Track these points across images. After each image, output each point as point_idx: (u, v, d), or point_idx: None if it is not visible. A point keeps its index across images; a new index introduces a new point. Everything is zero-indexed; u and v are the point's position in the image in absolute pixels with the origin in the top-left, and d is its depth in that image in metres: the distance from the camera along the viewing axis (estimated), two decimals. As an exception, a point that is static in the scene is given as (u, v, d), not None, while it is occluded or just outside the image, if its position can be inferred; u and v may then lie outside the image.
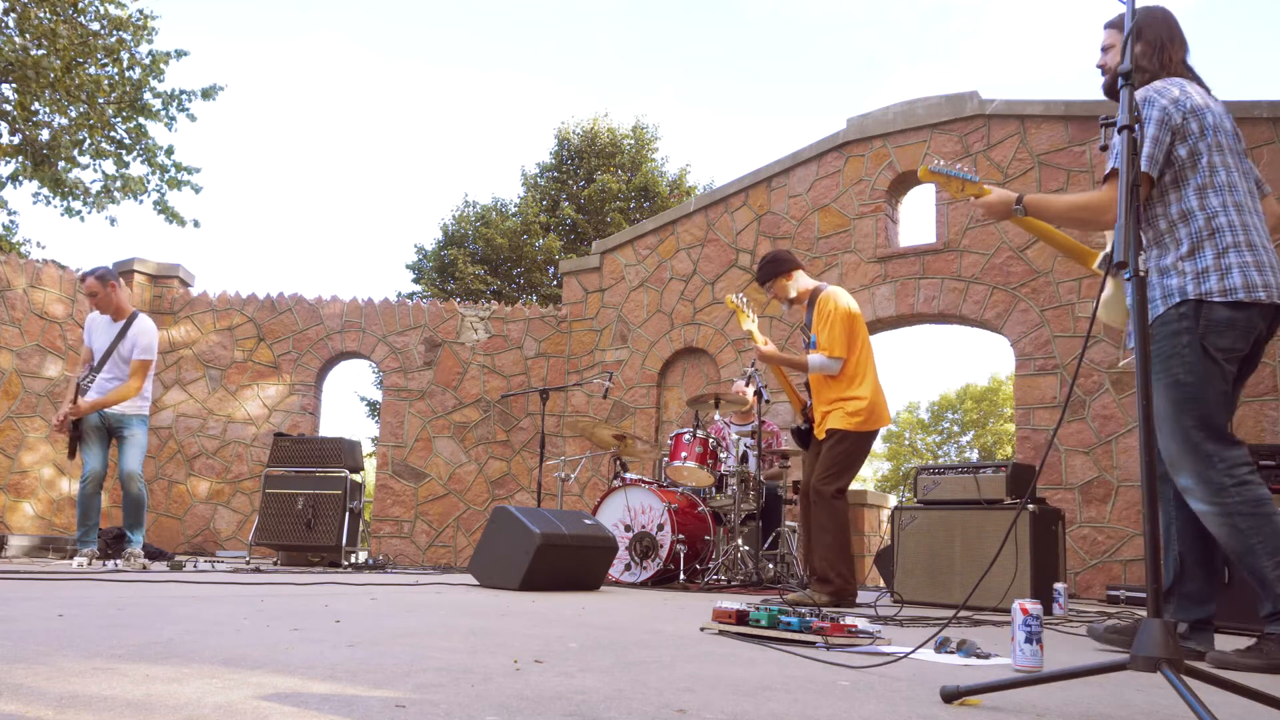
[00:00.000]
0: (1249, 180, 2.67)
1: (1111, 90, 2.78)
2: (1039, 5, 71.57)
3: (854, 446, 4.57)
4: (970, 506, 4.86)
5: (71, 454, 5.64)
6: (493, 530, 4.59)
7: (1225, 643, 3.20)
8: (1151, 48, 2.71)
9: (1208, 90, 2.70)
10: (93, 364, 5.72)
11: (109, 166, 11.69)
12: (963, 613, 4.09)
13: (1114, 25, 2.79)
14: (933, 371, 64.31)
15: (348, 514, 6.97)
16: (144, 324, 5.77)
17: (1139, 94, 2.58)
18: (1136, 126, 1.79)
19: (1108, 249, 2.82)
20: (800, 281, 4.83)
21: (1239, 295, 2.46)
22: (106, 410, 5.64)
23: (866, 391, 4.56)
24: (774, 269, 4.82)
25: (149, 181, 11.67)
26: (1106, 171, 2.54)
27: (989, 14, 71.81)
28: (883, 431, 5.04)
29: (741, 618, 2.61)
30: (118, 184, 11.61)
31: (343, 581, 4.79)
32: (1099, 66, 2.84)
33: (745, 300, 5.14)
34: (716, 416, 6.31)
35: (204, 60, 70.20)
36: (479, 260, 18.10)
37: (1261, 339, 2.56)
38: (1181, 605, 2.66)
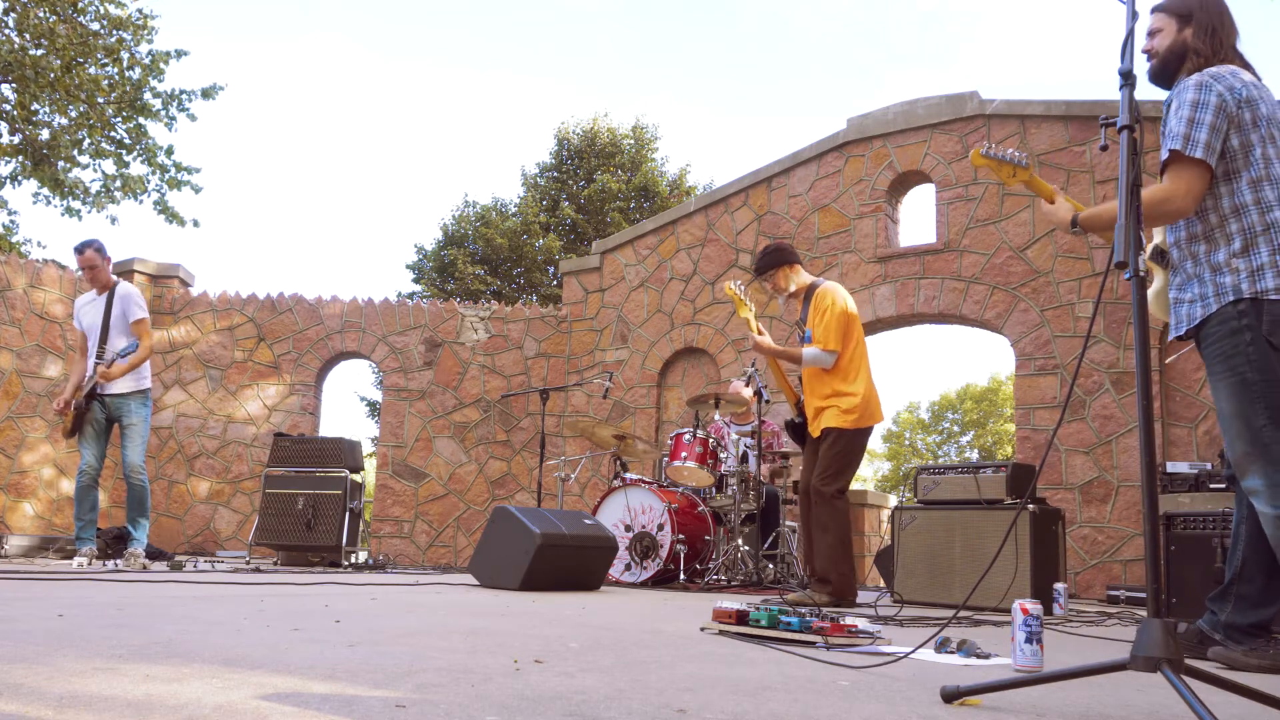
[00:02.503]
0: None
1: (1159, 75, 2.69)
2: (1038, 6, 71.60)
3: (850, 444, 4.57)
4: (970, 506, 4.86)
5: (71, 432, 5.61)
6: (493, 530, 4.59)
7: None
8: (1204, 31, 2.59)
9: (1259, 78, 2.60)
10: (88, 350, 5.71)
11: (109, 166, 11.70)
12: (963, 613, 4.09)
13: (1163, 9, 2.68)
14: (933, 371, 64.35)
15: (348, 514, 6.97)
16: (126, 288, 5.80)
17: (1194, 78, 2.51)
18: (1136, 126, 1.79)
19: (1157, 240, 2.79)
20: (798, 275, 4.83)
21: None
22: (107, 395, 5.63)
23: (860, 388, 4.55)
24: (773, 260, 4.81)
25: (149, 181, 11.68)
26: (1165, 157, 2.45)
27: (986, 16, 71.85)
28: (882, 431, 5.04)
29: (741, 618, 2.61)
30: (118, 184, 11.61)
31: (343, 581, 4.79)
32: (1145, 51, 2.73)
33: (744, 289, 5.12)
34: (716, 416, 6.31)
35: (204, 60, 70.20)
36: (479, 260, 18.10)
37: None
38: (1238, 606, 2.62)
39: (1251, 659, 2.43)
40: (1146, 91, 2.86)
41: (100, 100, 11.02)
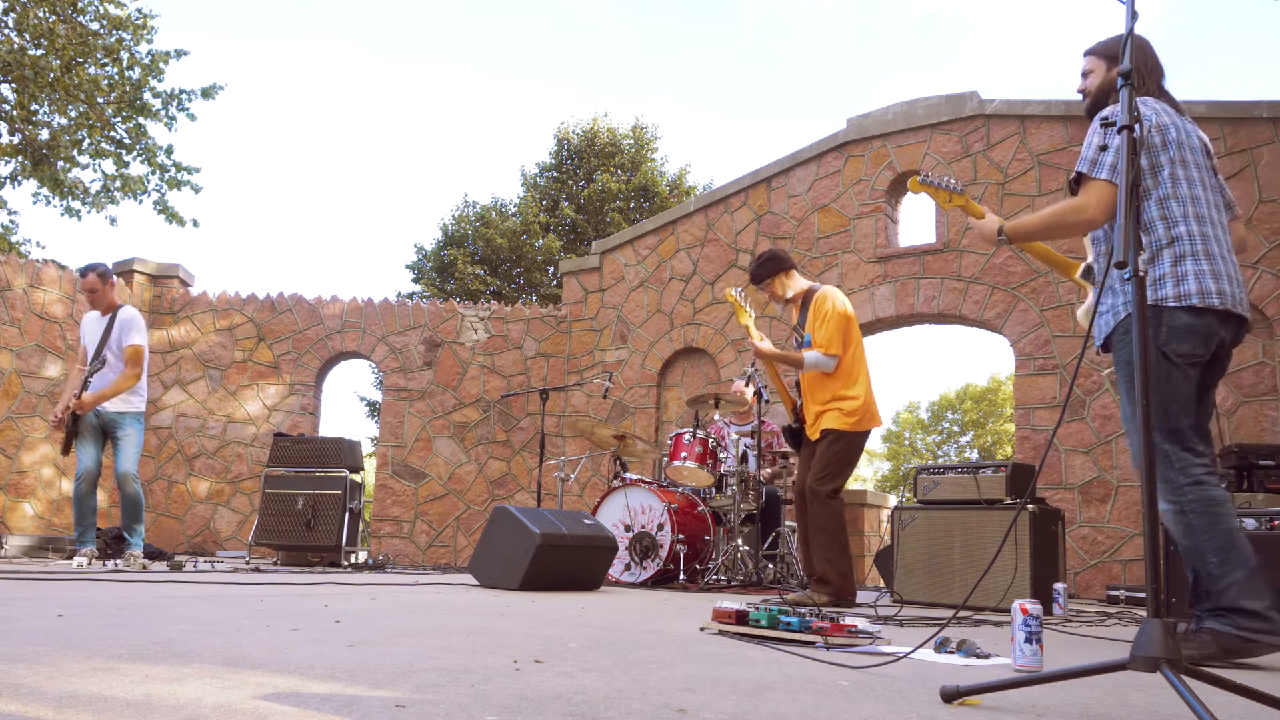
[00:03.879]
0: (1217, 196, 2.77)
1: (1093, 112, 2.91)
2: (1034, 8, 71.59)
3: (849, 446, 4.57)
4: (970, 506, 4.86)
5: (66, 450, 5.65)
6: (493, 530, 4.59)
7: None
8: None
9: (1180, 111, 2.81)
10: (86, 363, 5.75)
11: (109, 166, 11.70)
12: (963, 613, 4.09)
13: (1094, 52, 2.94)
14: (933, 371, 64.34)
15: (347, 514, 6.97)
16: (128, 312, 5.81)
17: (1107, 110, 2.67)
18: (1136, 126, 1.79)
19: (1089, 260, 2.97)
20: (795, 281, 4.83)
21: (1193, 301, 2.56)
22: (101, 409, 5.65)
23: (860, 391, 4.56)
24: (770, 267, 4.82)
25: (149, 181, 11.67)
26: (1073, 177, 2.68)
27: (981, 19, 71.85)
28: (882, 431, 5.05)
29: (741, 618, 2.61)
30: (117, 184, 11.61)
31: (343, 581, 4.79)
32: (1080, 91, 2.99)
33: (744, 296, 5.14)
34: (716, 416, 6.31)
35: (204, 60, 70.21)
36: (479, 260, 18.10)
37: (1224, 346, 2.65)
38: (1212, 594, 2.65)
39: (1191, 650, 2.51)
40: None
41: (100, 100, 11.01)
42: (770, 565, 5.79)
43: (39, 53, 10.46)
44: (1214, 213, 2.71)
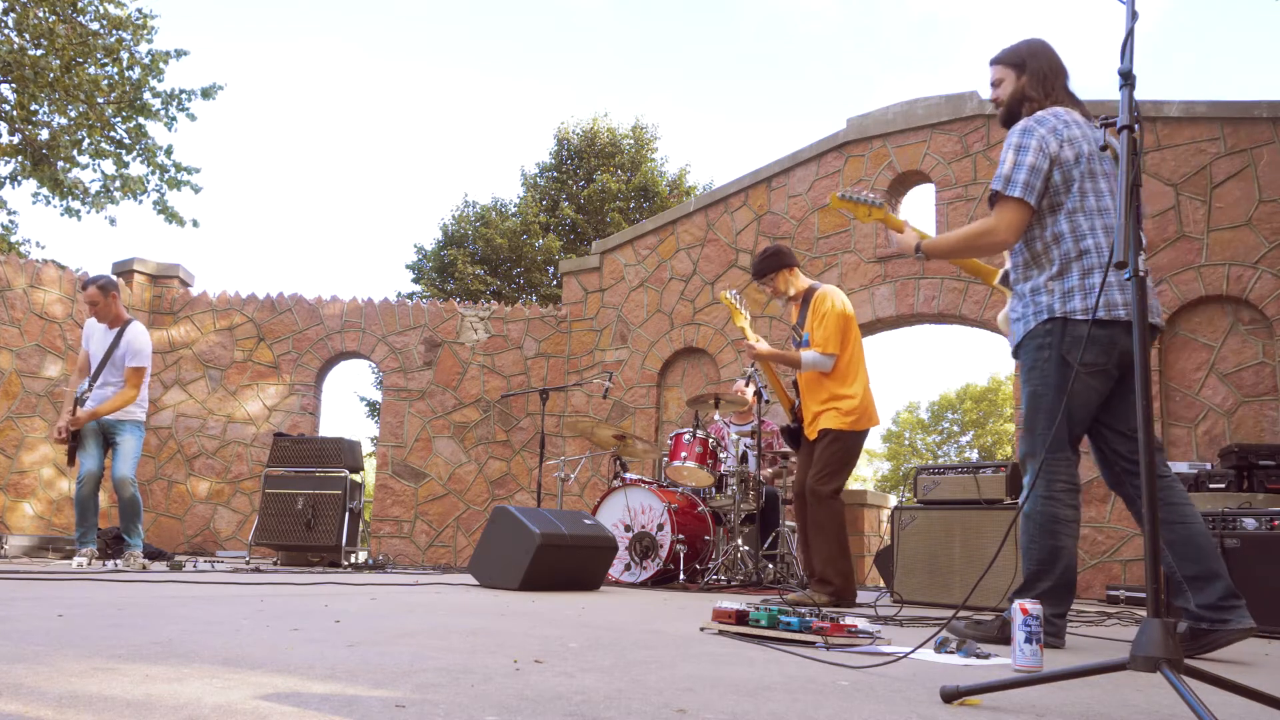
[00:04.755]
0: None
1: (1007, 120, 3.01)
2: (1032, 9, 71.60)
3: (848, 445, 4.56)
4: (970, 506, 4.86)
5: (71, 461, 5.67)
6: (492, 530, 4.59)
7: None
8: (1037, 78, 2.94)
9: (1088, 117, 2.90)
10: (89, 372, 5.75)
11: (108, 166, 11.70)
12: (963, 613, 4.09)
13: (1000, 61, 3.01)
14: (933, 371, 64.34)
15: (347, 514, 6.97)
16: (136, 330, 5.78)
17: (1020, 123, 2.85)
18: (1136, 126, 1.79)
19: (1006, 267, 3.09)
20: (797, 279, 4.83)
21: (1100, 313, 2.65)
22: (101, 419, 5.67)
23: (858, 390, 4.55)
24: (772, 263, 4.81)
25: (149, 181, 11.67)
26: (989, 196, 2.81)
27: (978, 20, 71.84)
28: (882, 431, 5.04)
29: (741, 618, 2.61)
30: (117, 184, 11.61)
31: (343, 581, 4.79)
32: (992, 101, 3.08)
33: (739, 298, 5.13)
34: (716, 416, 6.31)
35: (204, 60, 70.21)
36: (479, 260, 18.09)
37: (1131, 356, 2.71)
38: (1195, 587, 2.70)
39: (971, 630, 2.77)
40: (1146, 91, 2.95)
41: (100, 100, 11.01)
42: (770, 565, 5.79)
43: (39, 53, 10.46)
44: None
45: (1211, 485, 4.78)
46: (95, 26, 10.98)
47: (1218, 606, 2.56)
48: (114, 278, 5.86)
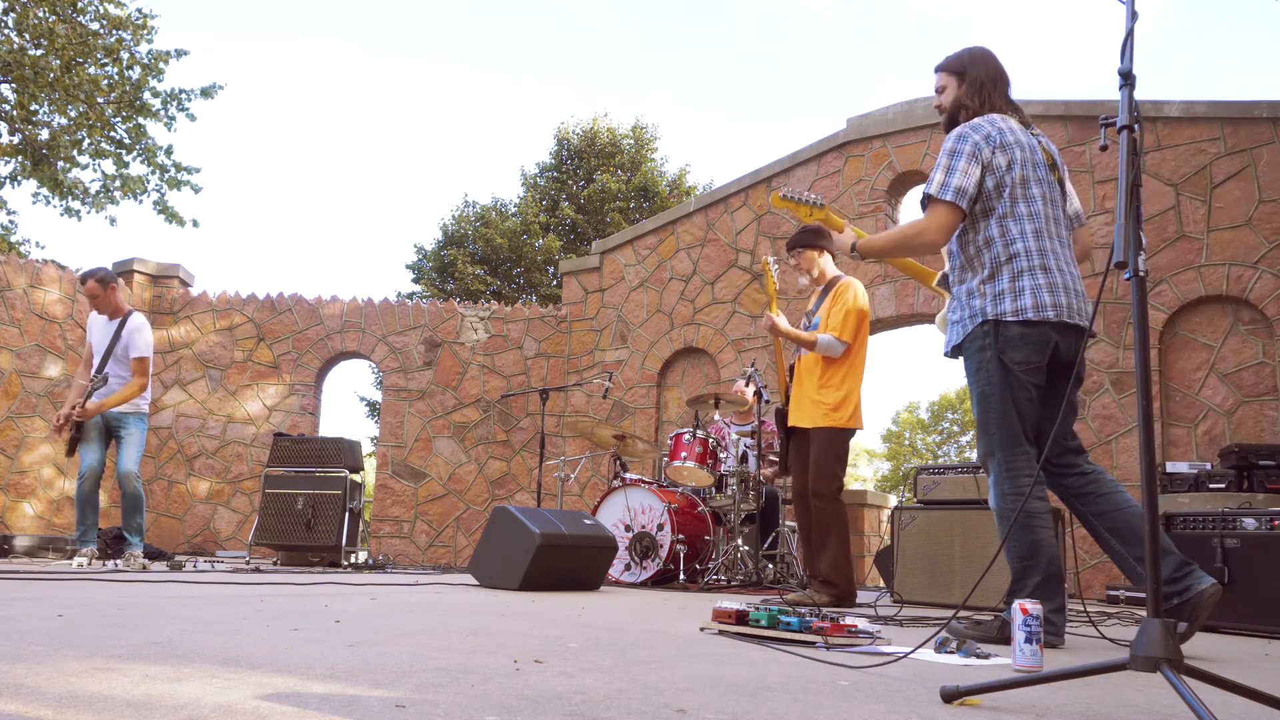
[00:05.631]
0: (1058, 210, 2.91)
1: (949, 126, 3.06)
2: (1031, 9, 71.58)
3: (842, 442, 4.57)
4: (970, 506, 4.86)
5: (70, 452, 5.66)
6: (492, 530, 4.59)
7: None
8: (974, 86, 3.00)
9: (1027, 125, 2.97)
10: (92, 366, 5.76)
11: (108, 166, 11.70)
12: (963, 613, 4.09)
13: (944, 68, 3.08)
14: (933, 371, 64.37)
15: (347, 514, 6.97)
16: (137, 321, 5.80)
17: (955, 130, 2.93)
18: (1136, 126, 1.79)
19: (944, 269, 3.17)
20: (826, 263, 4.80)
21: (1028, 315, 2.73)
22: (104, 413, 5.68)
23: (853, 388, 4.55)
24: (808, 239, 4.78)
25: (149, 181, 11.67)
26: (921, 199, 2.87)
27: (978, 21, 71.81)
28: (882, 431, 5.03)
29: (741, 618, 2.61)
30: (117, 184, 11.61)
31: (343, 581, 4.79)
32: (937, 108, 3.15)
33: (778, 269, 5.08)
34: (716, 416, 6.31)
35: (204, 60, 70.21)
36: (479, 260, 18.09)
37: (1063, 353, 2.80)
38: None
39: (971, 630, 2.79)
40: (1146, 91, 2.95)
41: (100, 100, 11.01)
42: (770, 565, 5.79)
43: (39, 53, 10.46)
44: (1053, 227, 2.86)
45: (1211, 485, 4.78)
46: (95, 26, 10.98)
47: (1173, 580, 2.61)
48: (111, 270, 5.86)
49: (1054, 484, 2.91)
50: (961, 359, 2.96)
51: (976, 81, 2.99)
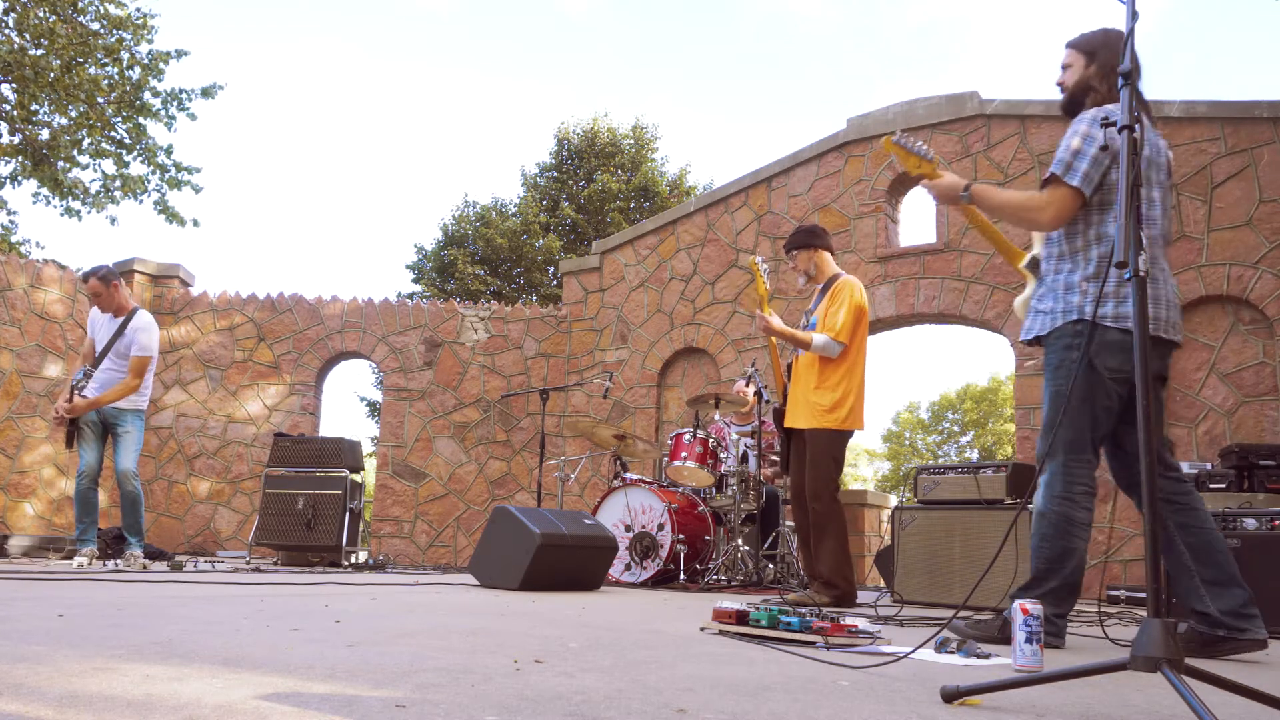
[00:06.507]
0: (1168, 219, 2.81)
1: (1069, 108, 2.92)
2: (1030, 9, 71.58)
3: (839, 444, 4.54)
4: (970, 506, 4.85)
5: (69, 444, 5.64)
6: (493, 530, 4.59)
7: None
8: (1105, 70, 2.84)
9: (1152, 121, 2.84)
10: (93, 360, 5.73)
11: (109, 166, 11.69)
12: (963, 613, 4.09)
13: (1074, 45, 2.93)
14: (933, 371, 64.36)
15: (348, 514, 6.96)
16: (143, 320, 5.76)
17: (1089, 113, 2.76)
18: (1136, 126, 1.79)
19: (1035, 251, 3.03)
20: (825, 263, 4.78)
21: (1127, 323, 2.62)
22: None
23: (852, 389, 4.51)
24: (804, 240, 4.75)
25: (149, 181, 11.67)
26: (1046, 176, 2.72)
27: (978, 22, 71.81)
28: (882, 431, 5.02)
29: (741, 618, 2.61)
30: (117, 184, 11.60)
31: (343, 581, 4.79)
32: (1058, 84, 2.98)
33: (767, 268, 5.05)
34: (716, 416, 6.31)
35: (204, 60, 70.25)
36: (479, 260, 18.09)
37: (1155, 364, 2.71)
38: (1214, 592, 2.69)
39: (973, 629, 2.77)
40: (1146, 91, 2.93)
41: (100, 100, 11.01)
42: (770, 565, 5.79)
43: (39, 53, 10.46)
44: (1160, 235, 2.76)
45: (1212, 485, 4.78)
46: (95, 26, 10.97)
47: (1238, 614, 2.60)
48: (113, 267, 5.85)
49: (1138, 484, 2.77)
50: (1043, 350, 2.87)
51: (1108, 66, 2.82)
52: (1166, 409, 6.64)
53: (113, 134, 11.46)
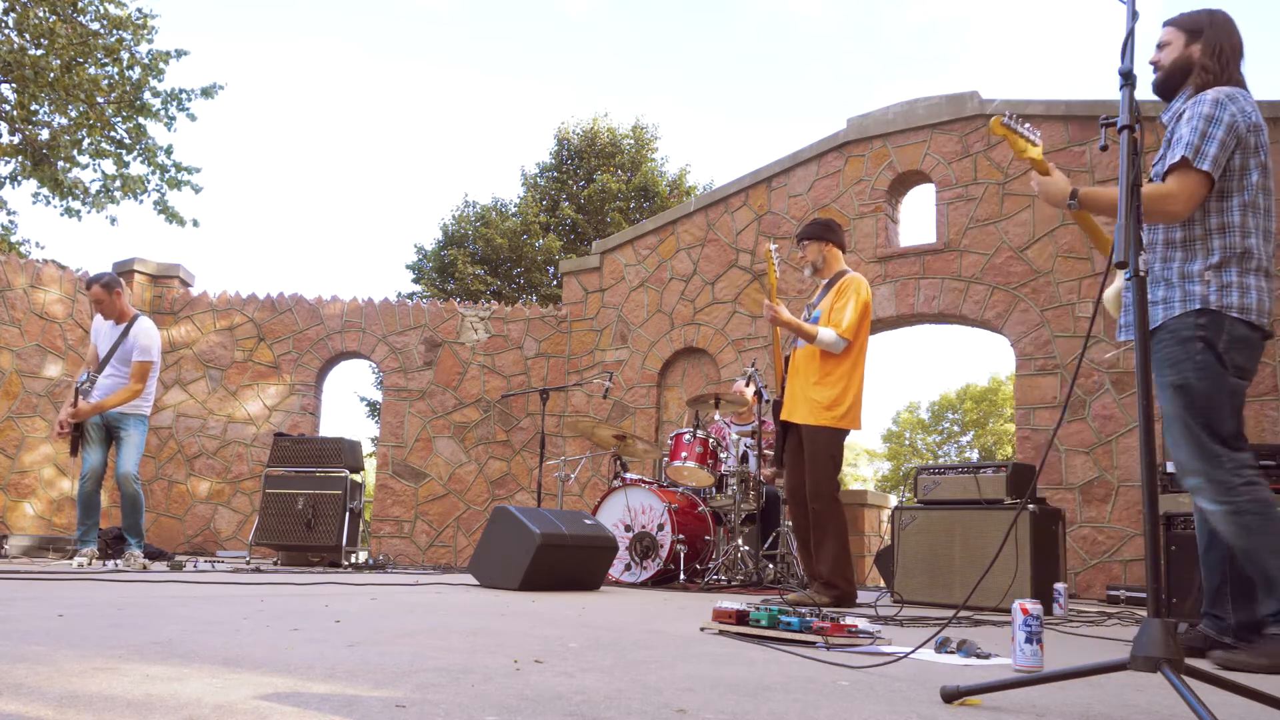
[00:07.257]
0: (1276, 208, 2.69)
1: (1162, 87, 2.76)
2: (1030, 9, 71.58)
3: (835, 441, 4.53)
4: (970, 506, 4.85)
5: (74, 451, 5.66)
6: (493, 530, 4.59)
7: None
8: (1213, 49, 2.68)
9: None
10: (96, 366, 5.75)
11: (109, 166, 11.69)
12: (963, 613, 4.09)
13: (1174, 23, 2.76)
14: (933, 371, 64.36)
15: (348, 514, 6.96)
16: (144, 325, 5.78)
17: (1212, 93, 2.60)
18: (1137, 126, 1.79)
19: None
20: (834, 258, 4.75)
21: (1252, 316, 2.52)
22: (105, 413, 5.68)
23: (852, 387, 4.50)
24: (816, 231, 4.74)
25: (149, 181, 11.67)
26: (1174, 161, 2.53)
27: (978, 22, 71.83)
28: (882, 431, 5.01)
29: (741, 618, 2.61)
30: (117, 184, 11.60)
31: (343, 581, 4.79)
32: (1152, 63, 2.81)
33: (778, 256, 5.02)
34: (716, 416, 6.31)
35: (204, 60, 70.27)
36: (479, 260, 18.10)
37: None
38: (1240, 604, 2.67)
39: (1252, 658, 2.46)
40: (1147, 91, 2.89)
41: (100, 100, 11.01)
42: (770, 565, 5.79)
43: (39, 53, 10.46)
44: (1273, 228, 2.64)
45: (1212, 485, 4.77)
46: (95, 26, 10.97)
47: (1251, 628, 2.56)
48: (115, 274, 5.86)
49: None
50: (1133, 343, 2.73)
51: (1216, 45, 2.68)
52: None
53: (113, 134, 11.46)
